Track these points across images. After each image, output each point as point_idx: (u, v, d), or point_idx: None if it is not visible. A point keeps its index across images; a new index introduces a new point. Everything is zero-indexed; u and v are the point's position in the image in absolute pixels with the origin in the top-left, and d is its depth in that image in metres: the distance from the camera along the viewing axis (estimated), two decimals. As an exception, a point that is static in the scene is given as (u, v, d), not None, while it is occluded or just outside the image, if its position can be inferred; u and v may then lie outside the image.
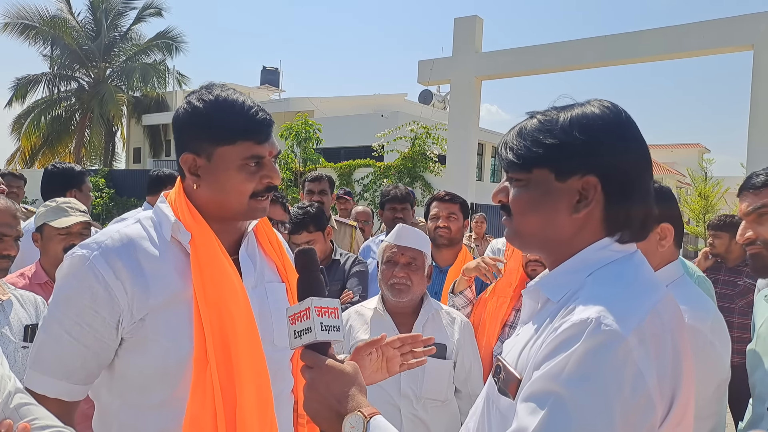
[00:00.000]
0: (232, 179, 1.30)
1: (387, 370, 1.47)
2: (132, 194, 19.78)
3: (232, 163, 1.30)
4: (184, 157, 1.33)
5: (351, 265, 3.28)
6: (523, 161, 1.03)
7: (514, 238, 1.09)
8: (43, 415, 1.13)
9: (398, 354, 1.48)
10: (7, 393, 1.10)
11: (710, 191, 18.78)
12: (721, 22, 8.38)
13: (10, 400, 1.10)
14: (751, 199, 1.71)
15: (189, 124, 1.33)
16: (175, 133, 1.37)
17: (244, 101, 1.32)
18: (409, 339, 1.49)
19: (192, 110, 1.32)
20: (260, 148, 1.31)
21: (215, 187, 1.32)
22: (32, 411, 1.12)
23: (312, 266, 1.13)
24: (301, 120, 14.31)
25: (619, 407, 0.83)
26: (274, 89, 31.03)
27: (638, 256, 1.04)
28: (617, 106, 1.04)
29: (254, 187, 1.32)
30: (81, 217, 2.50)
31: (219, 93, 1.32)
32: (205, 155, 1.31)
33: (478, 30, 10.33)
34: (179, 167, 1.38)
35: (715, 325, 1.66)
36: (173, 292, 1.27)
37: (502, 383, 1.03)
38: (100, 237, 1.29)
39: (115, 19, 27.32)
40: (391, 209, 3.86)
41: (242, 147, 1.29)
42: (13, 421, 1.06)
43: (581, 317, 0.88)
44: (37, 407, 1.14)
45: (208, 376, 1.24)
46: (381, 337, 1.46)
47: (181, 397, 1.24)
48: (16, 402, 1.11)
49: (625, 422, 0.83)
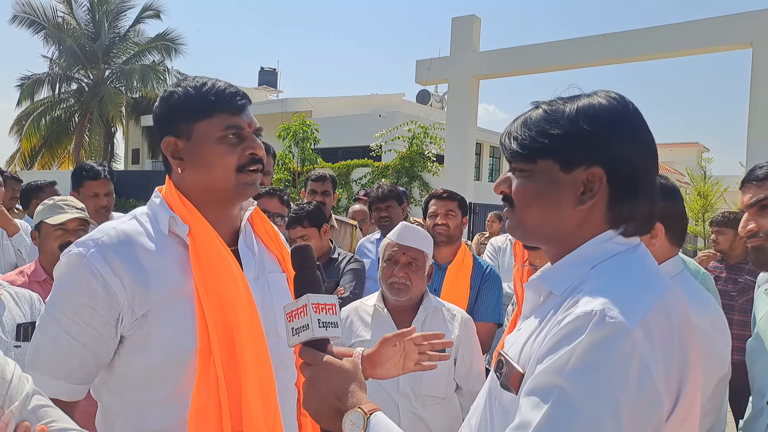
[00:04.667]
0: (213, 152, 1.30)
1: (402, 367, 1.51)
2: (131, 195, 19.77)
3: (211, 137, 1.30)
4: (166, 142, 1.33)
5: (346, 263, 3.29)
6: (527, 151, 1.01)
7: (516, 230, 1.08)
8: (60, 418, 1.12)
9: (416, 351, 1.51)
10: (25, 394, 1.08)
11: (709, 190, 18.77)
12: (719, 21, 8.39)
13: (28, 402, 1.08)
14: (754, 191, 1.71)
15: (165, 109, 1.34)
16: (155, 126, 1.38)
17: (215, 80, 1.35)
18: (432, 336, 1.53)
19: (167, 96, 1.34)
20: (237, 119, 1.32)
21: (199, 165, 1.31)
22: (50, 413, 1.11)
23: (308, 263, 1.13)
24: (298, 120, 14.30)
25: (624, 401, 0.81)
26: (272, 90, 31.03)
27: (642, 249, 1.02)
28: (624, 98, 1.02)
29: (237, 159, 1.31)
30: (77, 213, 2.50)
31: (191, 79, 1.36)
32: (184, 135, 1.31)
33: (476, 29, 10.34)
34: (164, 159, 1.38)
35: (715, 320, 1.65)
36: (174, 286, 1.26)
37: (504, 378, 1.01)
38: (96, 234, 1.27)
39: (114, 20, 27.35)
40: (376, 209, 3.90)
41: (218, 119, 1.30)
42: (30, 423, 1.05)
43: (585, 309, 0.87)
44: (54, 409, 1.13)
45: (212, 369, 1.23)
46: (411, 329, 1.52)
47: (184, 391, 1.23)
48: (34, 404, 1.10)
49: (631, 417, 0.82)
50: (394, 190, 3.98)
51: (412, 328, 1.53)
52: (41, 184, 4.24)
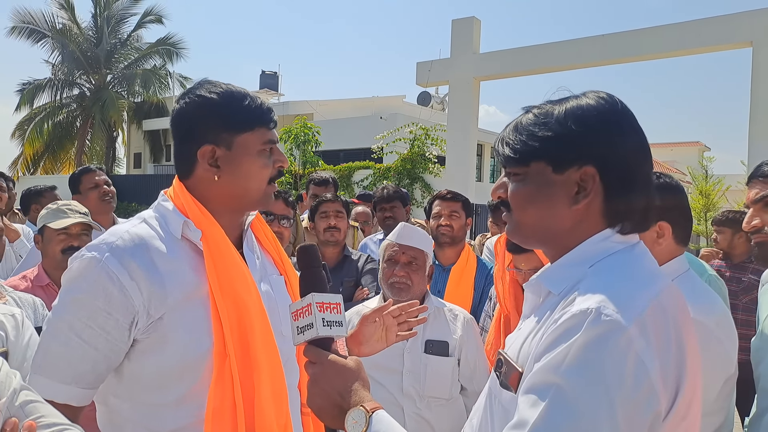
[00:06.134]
0: (253, 165, 1.35)
1: (386, 340, 1.58)
2: (133, 199, 19.80)
3: (253, 150, 1.35)
4: (203, 150, 1.33)
5: (364, 263, 3.31)
6: (519, 155, 1.03)
7: (514, 233, 1.09)
8: (49, 413, 1.11)
9: (396, 324, 1.59)
10: (12, 390, 1.07)
11: (711, 189, 18.72)
12: (720, 20, 8.38)
13: (15, 398, 1.07)
14: (760, 187, 1.72)
15: (204, 116, 1.34)
16: (181, 127, 1.36)
17: (249, 92, 1.39)
18: (407, 307, 1.61)
19: (204, 102, 1.34)
20: (272, 134, 1.39)
21: (239, 175, 1.34)
22: (38, 408, 1.10)
23: (313, 262, 1.14)
24: (300, 123, 14.32)
25: (620, 398, 0.82)
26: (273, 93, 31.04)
27: (640, 247, 1.03)
28: (613, 97, 1.04)
29: (270, 172, 1.38)
30: (80, 218, 2.50)
31: (226, 85, 1.37)
32: (224, 145, 1.33)
33: (476, 31, 10.34)
34: (180, 162, 1.38)
35: (721, 319, 1.64)
36: (189, 289, 1.27)
37: (503, 377, 1.02)
38: (109, 238, 1.27)
39: (116, 25, 27.42)
40: (380, 209, 3.92)
41: (259, 133, 1.35)
42: (18, 419, 1.03)
43: (581, 308, 0.88)
44: (43, 404, 1.12)
45: (227, 370, 1.25)
46: (387, 303, 1.59)
47: (198, 392, 1.24)
48: (22, 399, 1.09)
49: (627, 413, 0.82)
50: (399, 191, 3.99)
51: (389, 302, 1.60)
52: (41, 189, 4.24)
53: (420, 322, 1.63)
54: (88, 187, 3.24)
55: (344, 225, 3.39)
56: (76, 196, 3.25)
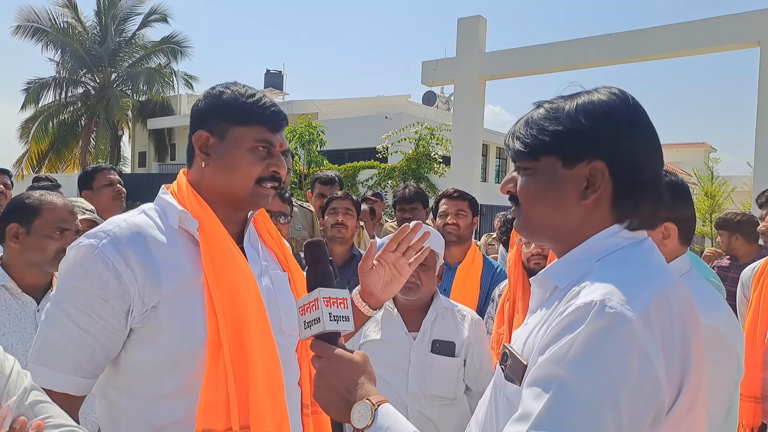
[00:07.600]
0: (241, 159, 1.34)
1: (402, 275, 1.51)
2: (138, 198, 19.76)
3: (244, 144, 1.34)
4: (198, 135, 1.36)
5: None
6: (530, 149, 1.03)
7: (523, 228, 1.09)
8: (57, 414, 1.13)
9: (401, 256, 1.51)
10: (23, 389, 1.09)
11: (716, 191, 18.67)
12: (727, 19, 8.35)
13: (26, 397, 1.09)
14: None
15: (210, 106, 1.38)
16: (193, 119, 1.41)
17: (264, 95, 1.40)
18: (400, 236, 1.50)
19: (216, 95, 1.39)
20: (272, 136, 1.37)
21: (223, 166, 1.35)
22: (47, 409, 1.11)
23: (321, 257, 1.15)
24: (304, 122, 14.33)
25: (624, 390, 0.82)
26: (277, 92, 31.09)
27: (648, 243, 1.03)
28: (625, 93, 1.04)
29: (260, 172, 1.36)
30: (87, 215, 2.51)
31: (243, 85, 1.40)
32: (218, 134, 1.35)
33: (482, 30, 10.33)
34: (188, 150, 1.41)
35: (729, 321, 1.64)
36: (185, 279, 1.28)
37: (509, 370, 1.03)
38: (107, 226, 1.28)
39: (120, 24, 27.51)
40: (400, 210, 3.89)
41: (256, 130, 1.35)
42: (27, 418, 1.05)
43: (586, 300, 0.88)
44: (51, 405, 1.13)
45: (221, 361, 1.25)
46: (371, 246, 1.51)
47: (193, 384, 1.24)
48: (32, 399, 1.10)
49: (630, 405, 0.83)
50: (421, 191, 3.96)
51: (372, 243, 1.52)
52: (44, 186, 4.26)
53: (423, 239, 1.53)
54: (102, 185, 3.29)
55: (352, 223, 3.37)
56: (87, 192, 3.29)
